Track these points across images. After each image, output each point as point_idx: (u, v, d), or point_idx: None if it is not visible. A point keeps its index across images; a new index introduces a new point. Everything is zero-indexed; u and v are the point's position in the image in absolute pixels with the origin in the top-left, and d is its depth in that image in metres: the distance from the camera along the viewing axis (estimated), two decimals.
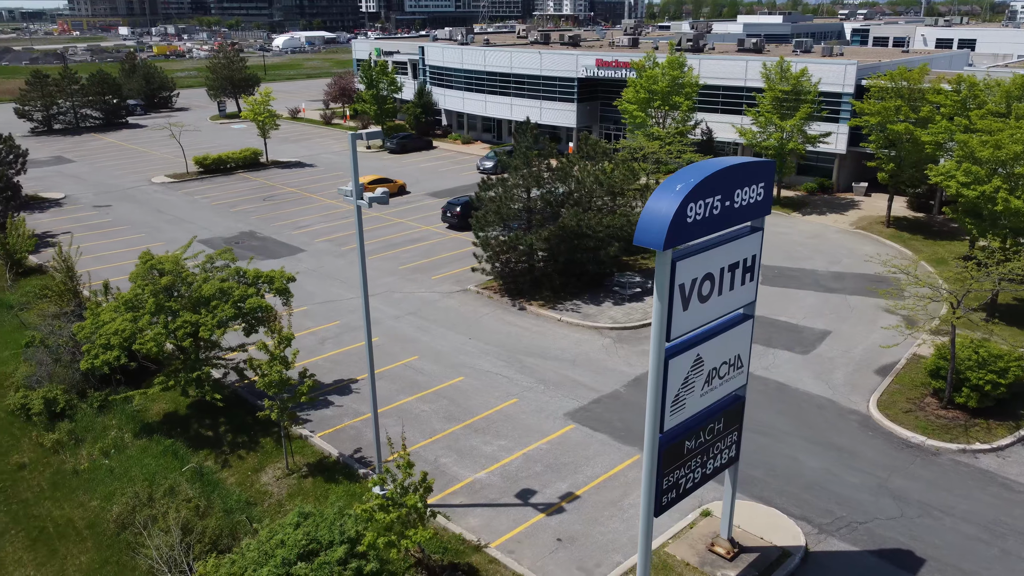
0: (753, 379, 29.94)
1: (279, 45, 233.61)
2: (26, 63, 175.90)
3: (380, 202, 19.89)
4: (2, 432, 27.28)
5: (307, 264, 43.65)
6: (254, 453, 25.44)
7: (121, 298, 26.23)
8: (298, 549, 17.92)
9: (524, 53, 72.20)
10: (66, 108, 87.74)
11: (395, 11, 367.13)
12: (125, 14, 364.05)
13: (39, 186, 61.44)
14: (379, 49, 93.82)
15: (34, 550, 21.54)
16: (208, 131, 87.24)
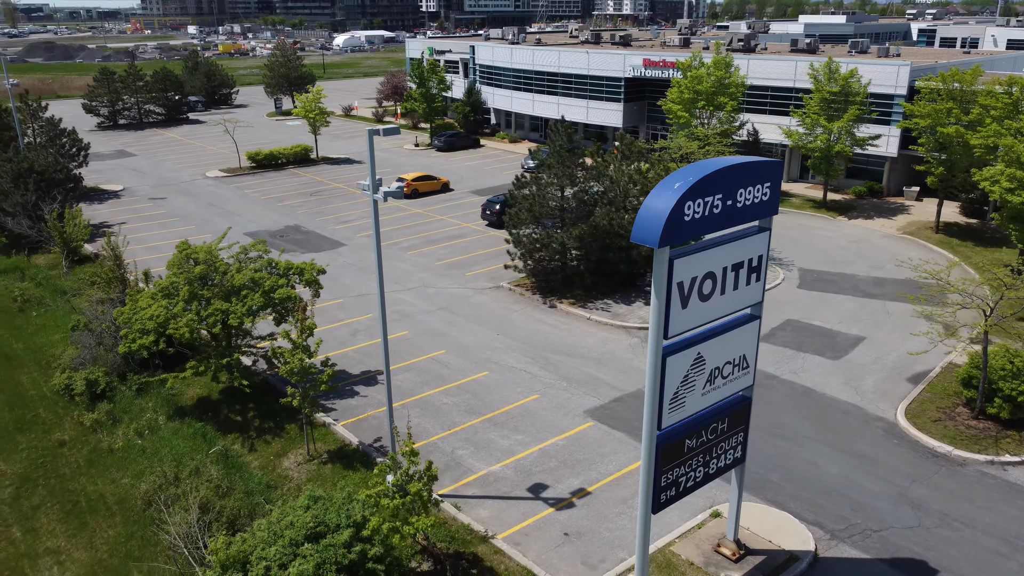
0: (779, 383, 29.67)
1: (339, 44, 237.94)
2: (99, 61, 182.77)
3: (395, 196, 20.38)
4: (47, 410, 28.70)
5: (347, 258, 44.62)
6: (279, 439, 26.26)
7: (158, 285, 27.36)
8: (306, 531, 18.51)
9: (572, 52, 72.26)
10: (131, 104, 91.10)
11: (455, 11, 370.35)
12: (195, 13, 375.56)
13: (100, 178, 64.06)
14: (431, 48, 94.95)
15: (67, 522, 22.67)
16: (263, 128, 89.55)
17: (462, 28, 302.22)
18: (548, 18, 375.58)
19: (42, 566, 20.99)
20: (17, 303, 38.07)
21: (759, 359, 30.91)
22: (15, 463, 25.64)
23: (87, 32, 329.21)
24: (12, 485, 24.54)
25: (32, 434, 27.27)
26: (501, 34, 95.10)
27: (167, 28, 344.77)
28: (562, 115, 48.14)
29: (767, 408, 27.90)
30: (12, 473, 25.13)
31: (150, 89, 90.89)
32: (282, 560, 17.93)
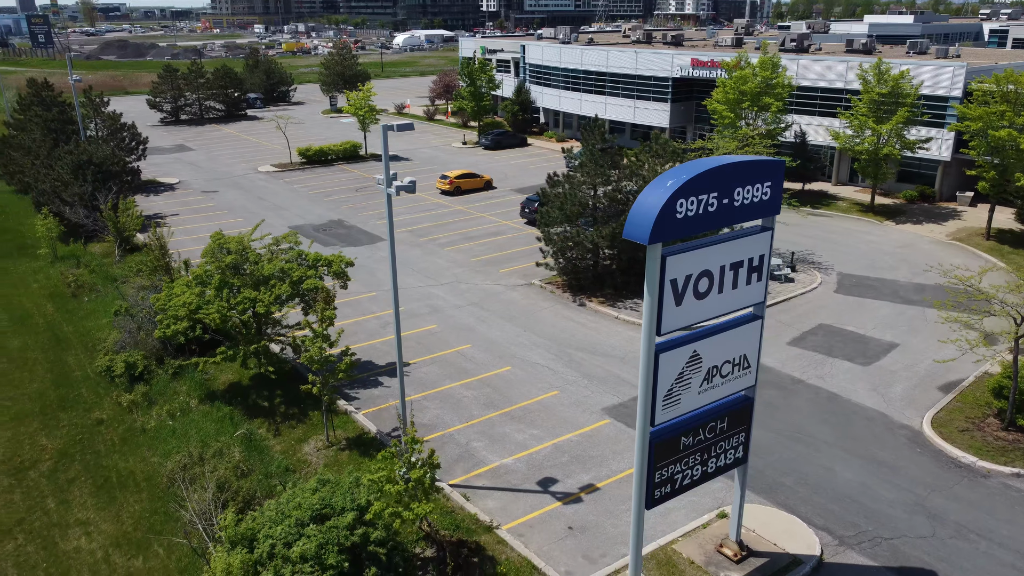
0: (803, 387, 29.31)
1: (399, 43, 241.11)
2: (167, 58, 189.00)
3: (408, 190, 20.89)
4: (89, 390, 30.14)
5: (384, 253, 45.46)
6: (302, 425, 27.08)
7: (192, 273, 28.48)
8: (312, 512, 19.16)
9: (620, 52, 72.04)
10: (192, 100, 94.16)
11: (515, 10, 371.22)
12: (262, 12, 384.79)
13: (158, 171, 66.49)
14: (484, 47, 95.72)
15: (97, 496, 23.85)
16: (317, 124, 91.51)
17: (521, 27, 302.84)
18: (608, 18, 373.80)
19: (71, 536, 22.15)
20: (71, 288, 39.94)
21: (785, 363, 30.92)
22: (56, 439, 27.04)
23: (159, 31, 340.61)
24: (51, 459, 25.90)
25: (74, 412, 28.70)
26: (553, 33, 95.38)
27: (235, 27, 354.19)
28: (595, 114, 48.12)
29: (788, 412, 27.60)
30: (52, 448, 26.51)
31: (210, 86, 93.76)
32: (287, 539, 18.61)
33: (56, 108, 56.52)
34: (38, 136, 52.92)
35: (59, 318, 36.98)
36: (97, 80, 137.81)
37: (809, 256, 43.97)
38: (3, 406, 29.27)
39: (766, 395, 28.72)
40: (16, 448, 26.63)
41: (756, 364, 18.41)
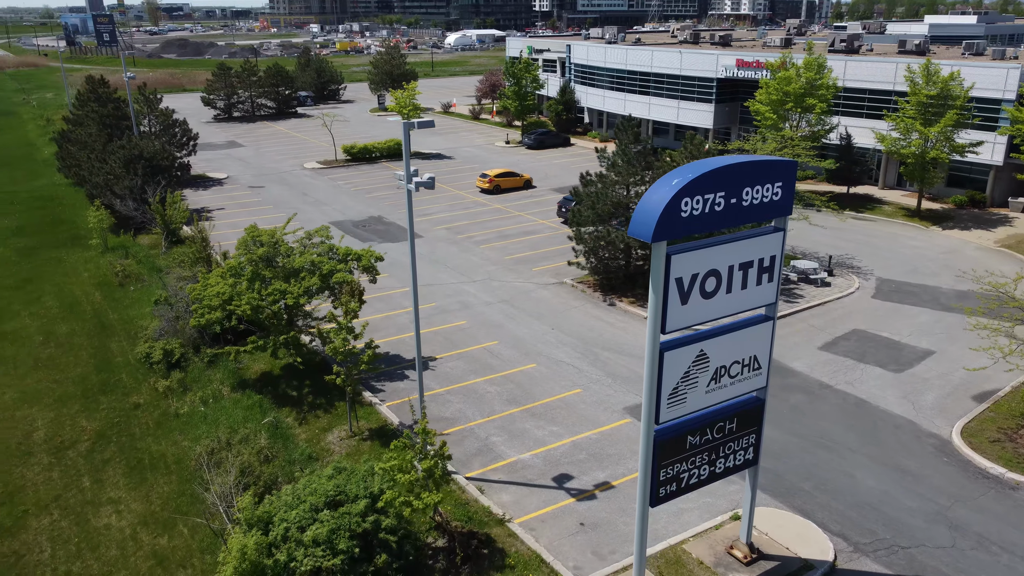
0: (831, 393, 28.91)
1: (451, 43, 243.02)
2: (225, 57, 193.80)
3: (427, 187, 21.27)
4: (129, 376, 31.29)
5: (421, 249, 46.04)
6: (327, 414, 27.72)
7: (227, 265, 29.37)
8: (326, 498, 19.71)
9: (664, 52, 71.60)
10: (244, 98, 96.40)
11: (567, 10, 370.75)
12: (318, 12, 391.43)
13: (208, 167, 68.38)
14: (531, 47, 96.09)
15: (130, 476, 24.81)
16: (364, 123, 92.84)
17: (573, 27, 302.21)
18: (662, 17, 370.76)
19: (102, 513, 23.10)
20: (118, 278, 41.43)
21: (814, 368, 30.54)
22: (95, 420, 28.18)
23: (219, 30, 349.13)
24: (89, 440, 27.01)
25: (113, 396, 29.85)
26: (601, 33, 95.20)
27: (292, 27, 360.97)
28: (630, 113, 48.02)
29: (813, 417, 27.26)
30: (91, 429, 27.63)
31: (262, 84, 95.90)
32: (301, 523, 19.18)
33: (111, 104, 58.62)
34: (93, 131, 54.96)
35: (105, 306, 38.42)
36: (157, 78, 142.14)
37: (848, 260, 43.18)
38: (48, 388, 30.59)
39: (792, 400, 28.43)
40: (58, 428, 27.82)
41: (767, 365, 18.30)
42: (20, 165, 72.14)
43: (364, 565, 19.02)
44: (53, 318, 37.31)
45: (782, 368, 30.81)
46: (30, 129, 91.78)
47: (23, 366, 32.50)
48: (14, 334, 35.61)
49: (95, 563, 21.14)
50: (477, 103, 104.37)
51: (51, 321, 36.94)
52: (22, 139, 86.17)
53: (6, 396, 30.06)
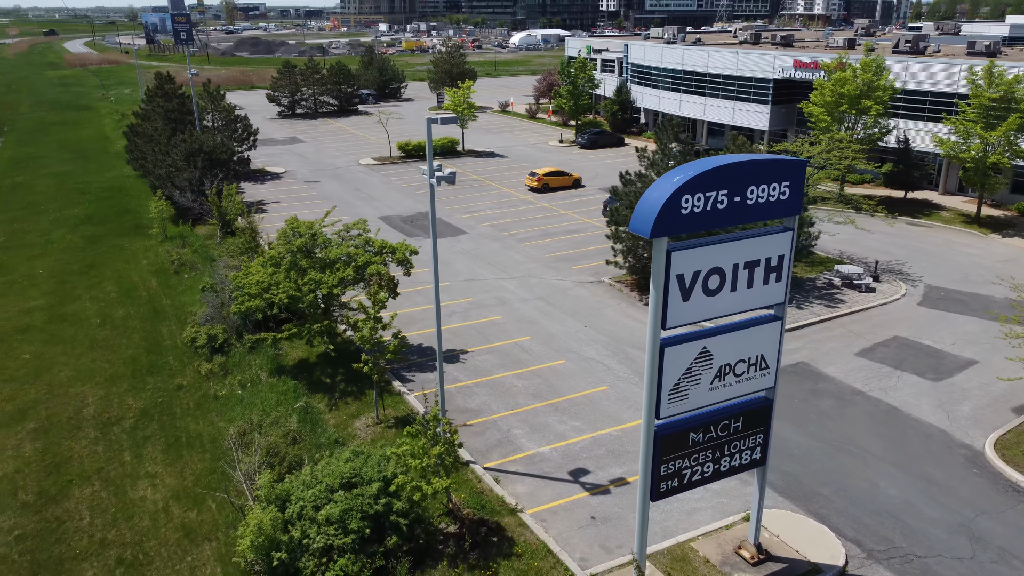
0: (863, 399, 28.43)
1: (515, 42, 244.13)
2: (294, 55, 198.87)
3: (448, 181, 21.82)
4: (175, 358, 32.77)
5: (464, 245, 46.79)
6: (357, 402, 28.55)
7: (267, 255, 30.50)
8: (342, 480, 20.47)
9: (721, 52, 70.79)
10: (308, 95, 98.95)
11: (635, 10, 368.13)
12: (387, 12, 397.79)
13: (268, 161, 70.55)
14: (589, 47, 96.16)
15: (167, 453, 26.08)
16: (422, 120, 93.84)
17: (641, 27, 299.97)
18: (732, 18, 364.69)
19: (139, 486, 24.36)
20: (174, 266, 43.27)
21: (848, 374, 30.09)
22: (140, 399, 29.64)
23: (291, 29, 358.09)
24: (134, 417, 28.44)
25: (159, 377, 31.32)
26: (661, 33, 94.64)
27: (361, 26, 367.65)
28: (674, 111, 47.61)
29: (841, 423, 26.86)
30: (136, 408, 29.09)
31: (325, 82, 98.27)
32: (316, 502, 19.97)
33: (176, 100, 61.08)
34: (159, 125, 57.39)
35: (160, 292, 40.21)
36: (229, 75, 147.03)
37: (898, 266, 42.13)
38: (101, 368, 32.27)
39: (821, 405, 28.06)
40: (106, 406, 29.37)
41: (775, 365, 18.25)
42: (94, 157, 75.70)
43: (374, 546, 19.70)
44: (111, 302, 39.25)
45: (814, 373, 30.41)
46: (106, 123, 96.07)
47: (80, 346, 34.34)
48: (74, 316, 37.61)
49: (128, 532, 22.34)
50: (535, 102, 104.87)
51: (109, 305, 38.87)
52: (98, 132, 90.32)
53: (62, 374, 31.84)
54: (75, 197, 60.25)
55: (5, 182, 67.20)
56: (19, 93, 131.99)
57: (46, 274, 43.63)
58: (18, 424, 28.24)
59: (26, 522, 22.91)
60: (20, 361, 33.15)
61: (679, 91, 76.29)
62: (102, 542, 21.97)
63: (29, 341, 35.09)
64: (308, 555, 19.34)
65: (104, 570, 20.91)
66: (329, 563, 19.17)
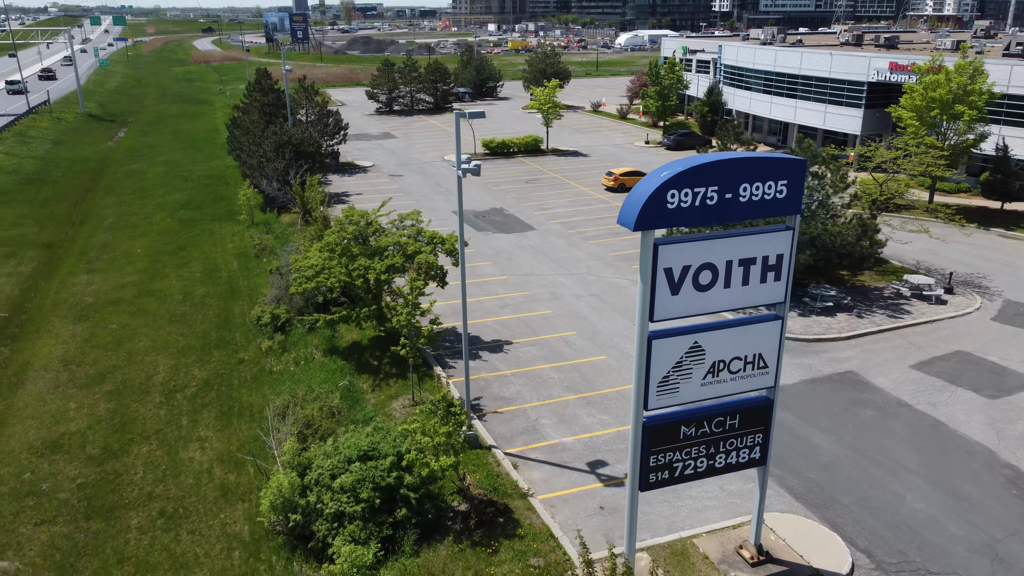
0: (907, 411, 27.54)
1: (621, 43, 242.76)
2: (403, 54, 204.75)
3: (473, 173, 22.68)
4: (241, 335, 35.06)
5: (531, 240, 47.57)
6: (398, 384, 29.83)
7: (325, 240, 32.22)
8: (359, 452, 21.69)
9: (814, 54, 68.70)
10: (405, 93, 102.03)
11: (748, 10, 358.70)
12: (497, 12, 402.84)
13: (359, 155, 73.44)
14: (685, 47, 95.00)
15: (219, 420, 28.12)
16: (513, 119, 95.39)
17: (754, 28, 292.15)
18: (853, 18, 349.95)
19: (190, 448, 26.43)
20: (255, 250, 46.03)
21: (897, 386, 29.31)
22: (204, 370, 31.96)
23: (404, 29, 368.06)
24: (196, 386, 30.73)
25: (224, 351, 33.62)
26: (761, 34, 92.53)
27: (471, 25, 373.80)
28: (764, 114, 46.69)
29: (878, 434, 26.11)
30: (199, 377, 31.39)
31: (422, 80, 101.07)
32: (333, 471, 21.26)
33: (272, 94, 64.52)
34: (255, 118, 60.85)
35: (239, 273, 42.92)
36: (338, 72, 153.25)
37: (978, 279, 40.11)
38: (175, 340, 34.90)
39: (861, 415, 27.34)
40: (174, 374, 31.82)
41: (776, 365, 18.18)
42: (202, 147, 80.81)
43: (384, 516, 20.80)
44: (194, 280, 42.20)
45: (861, 382, 29.58)
46: (218, 116, 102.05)
47: (160, 320, 37.19)
48: (160, 292, 40.69)
49: (174, 488, 24.34)
50: (629, 103, 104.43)
51: (192, 283, 41.82)
52: (210, 125, 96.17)
53: (141, 344, 34.64)
54: (179, 184, 64.69)
55: (122, 169, 72.80)
56: (147, 87, 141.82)
57: (143, 253, 47.26)
58: (97, 386, 31.02)
59: (88, 472, 25.29)
60: (108, 330, 36.24)
61: (770, 93, 74.50)
62: (149, 495, 24.04)
63: (119, 313, 38.27)
64: (322, 519, 20.64)
65: (147, 519, 22.92)
66: (340, 528, 20.41)
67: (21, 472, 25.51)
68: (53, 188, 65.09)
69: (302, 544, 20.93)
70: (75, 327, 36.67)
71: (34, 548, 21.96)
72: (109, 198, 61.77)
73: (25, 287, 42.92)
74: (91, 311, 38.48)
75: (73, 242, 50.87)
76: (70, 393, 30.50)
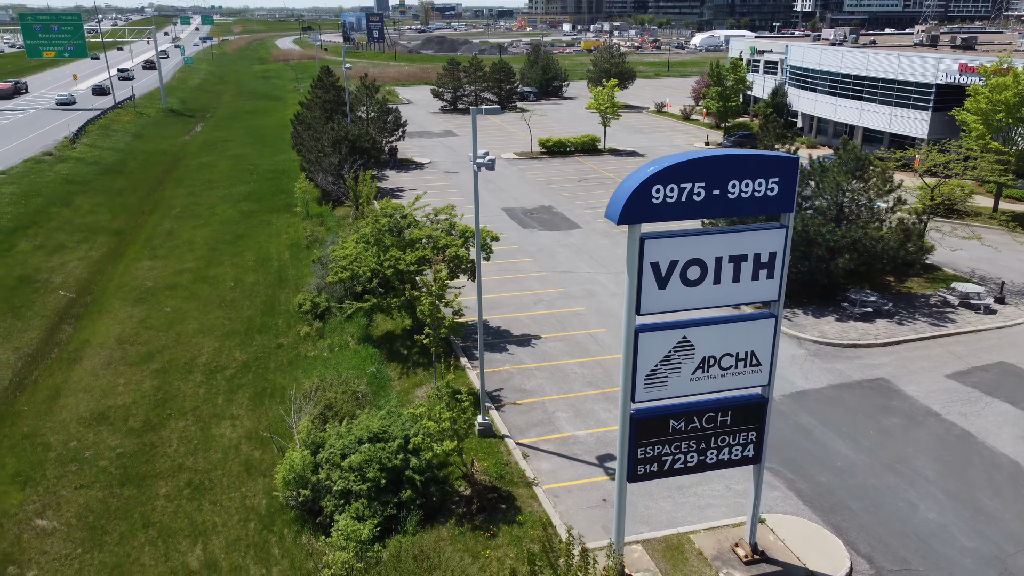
0: (935, 421, 26.88)
1: (696, 43, 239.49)
2: (475, 54, 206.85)
3: (487, 167, 23.26)
4: (283, 321, 36.55)
5: (574, 239, 47.86)
6: (425, 372, 30.66)
7: (361, 232, 33.33)
8: (370, 434, 22.57)
9: (880, 55, 66.79)
10: (469, 91, 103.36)
11: (832, 11, 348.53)
12: (573, 12, 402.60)
13: (418, 152, 74.93)
14: (753, 48, 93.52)
15: (252, 400, 29.51)
16: (575, 119, 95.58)
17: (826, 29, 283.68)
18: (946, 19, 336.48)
19: (222, 425, 27.85)
20: (307, 241, 47.72)
21: (928, 395, 28.72)
22: (245, 353, 33.49)
23: (479, 28, 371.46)
24: (236, 367, 32.26)
25: (265, 336, 35.14)
26: (832, 34, 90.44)
27: (546, 25, 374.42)
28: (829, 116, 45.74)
29: (900, 442, 25.57)
30: (239, 360, 32.93)
31: (487, 79, 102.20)
32: (344, 451, 22.20)
33: (333, 91, 66.52)
34: (317, 114, 62.89)
35: (289, 263, 44.62)
36: (410, 71, 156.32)
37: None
38: (221, 324, 36.63)
39: (885, 422, 26.80)
40: (217, 356, 33.45)
41: (769, 364, 18.18)
42: (270, 142, 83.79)
43: (388, 496, 21.60)
44: (247, 268, 44.09)
45: (891, 390, 28.95)
46: (288, 113, 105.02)
47: (211, 304, 39.05)
48: (214, 279, 42.66)
49: (203, 461, 25.74)
50: (695, 103, 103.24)
51: (244, 271, 43.71)
52: (280, 121, 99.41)
53: (190, 326, 36.48)
54: (244, 177, 67.36)
55: (194, 162, 76.18)
56: (227, 84, 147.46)
57: (203, 242, 49.55)
58: (145, 364, 32.88)
59: (128, 443, 26.96)
60: (161, 313, 38.28)
61: (836, 95, 72.71)
62: (180, 466, 25.50)
63: (174, 297, 40.35)
64: (330, 496, 21.59)
65: (175, 489, 24.34)
66: (346, 505, 21.30)
67: (68, 440, 27.37)
68: (129, 179, 68.68)
69: (312, 519, 21.92)
70: (133, 309, 38.86)
71: (71, 510, 23.61)
72: (179, 189, 64.82)
73: (94, 270, 45.62)
74: (149, 294, 40.68)
75: (141, 229, 53.69)
76: (120, 370, 32.43)
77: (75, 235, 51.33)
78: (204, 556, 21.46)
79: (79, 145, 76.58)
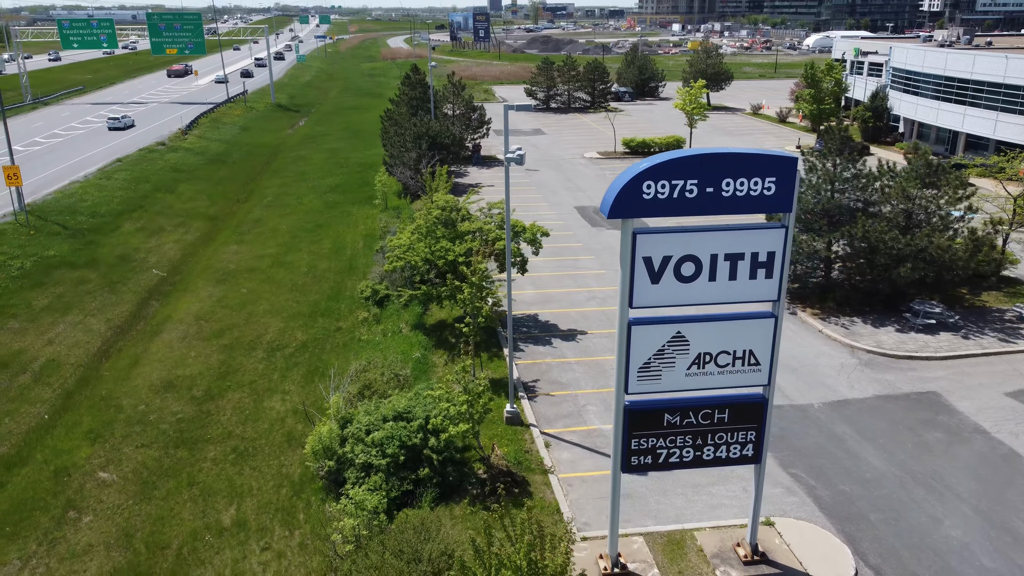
0: (983, 438, 25.87)
1: (809, 44, 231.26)
2: (579, 53, 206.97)
3: (517, 163, 24.01)
4: (346, 306, 38.39)
5: None
6: (468, 361, 31.65)
7: (417, 223, 34.67)
8: (395, 413, 23.77)
9: (987, 57, 63.18)
10: (562, 91, 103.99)
11: (964, 10, 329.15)
12: (685, 11, 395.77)
13: (500, 149, 76.13)
14: (857, 49, 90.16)
15: (305, 377, 31.33)
16: (667, 120, 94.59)
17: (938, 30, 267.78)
18: None
19: (274, 399, 29.75)
20: (381, 232, 49.67)
21: (980, 412, 27.79)
22: (306, 334, 35.47)
23: (588, 28, 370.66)
24: (295, 347, 34.24)
25: (327, 319, 37.05)
26: (942, 35, 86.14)
27: (656, 25, 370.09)
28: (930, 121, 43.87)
29: (938, 457, 24.70)
30: (300, 340, 34.91)
31: (580, 79, 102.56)
32: (369, 427, 23.49)
33: (420, 88, 68.58)
34: (404, 111, 65.07)
35: (361, 252, 46.64)
36: (512, 70, 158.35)
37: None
38: (289, 306, 38.83)
39: (927, 436, 25.90)
40: (281, 336, 35.56)
41: (769, 363, 18.15)
42: (364, 137, 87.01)
43: (407, 472, 22.70)
44: (322, 255, 46.39)
45: (940, 404, 27.88)
46: None
47: (283, 288, 41.40)
48: (290, 264, 45.14)
49: (251, 430, 27.63)
50: (791, 105, 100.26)
51: (319, 258, 46.01)
52: (376, 117, 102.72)
53: (261, 307, 38.86)
54: (335, 169, 70.44)
55: (292, 154, 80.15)
56: (335, 81, 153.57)
57: (286, 229, 52.37)
58: (216, 340, 35.33)
59: (188, 410, 29.20)
60: (238, 293, 40.89)
61: (938, 99, 69.24)
62: (229, 434, 27.48)
63: (251, 279, 42.98)
64: (352, 468, 22.88)
65: (221, 453, 26.29)
66: (365, 478, 22.53)
67: (138, 404, 29.88)
68: (230, 169, 73.04)
69: (336, 488, 23.27)
70: (213, 289, 41.66)
71: (130, 466, 25.89)
72: (274, 179, 68.48)
73: (185, 253, 49.06)
74: (230, 276, 43.48)
75: (233, 216, 57.20)
76: (193, 344, 34.98)
77: (174, 219, 55.24)
78: (236, 515, 23.18)
79: (190, 136, 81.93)
